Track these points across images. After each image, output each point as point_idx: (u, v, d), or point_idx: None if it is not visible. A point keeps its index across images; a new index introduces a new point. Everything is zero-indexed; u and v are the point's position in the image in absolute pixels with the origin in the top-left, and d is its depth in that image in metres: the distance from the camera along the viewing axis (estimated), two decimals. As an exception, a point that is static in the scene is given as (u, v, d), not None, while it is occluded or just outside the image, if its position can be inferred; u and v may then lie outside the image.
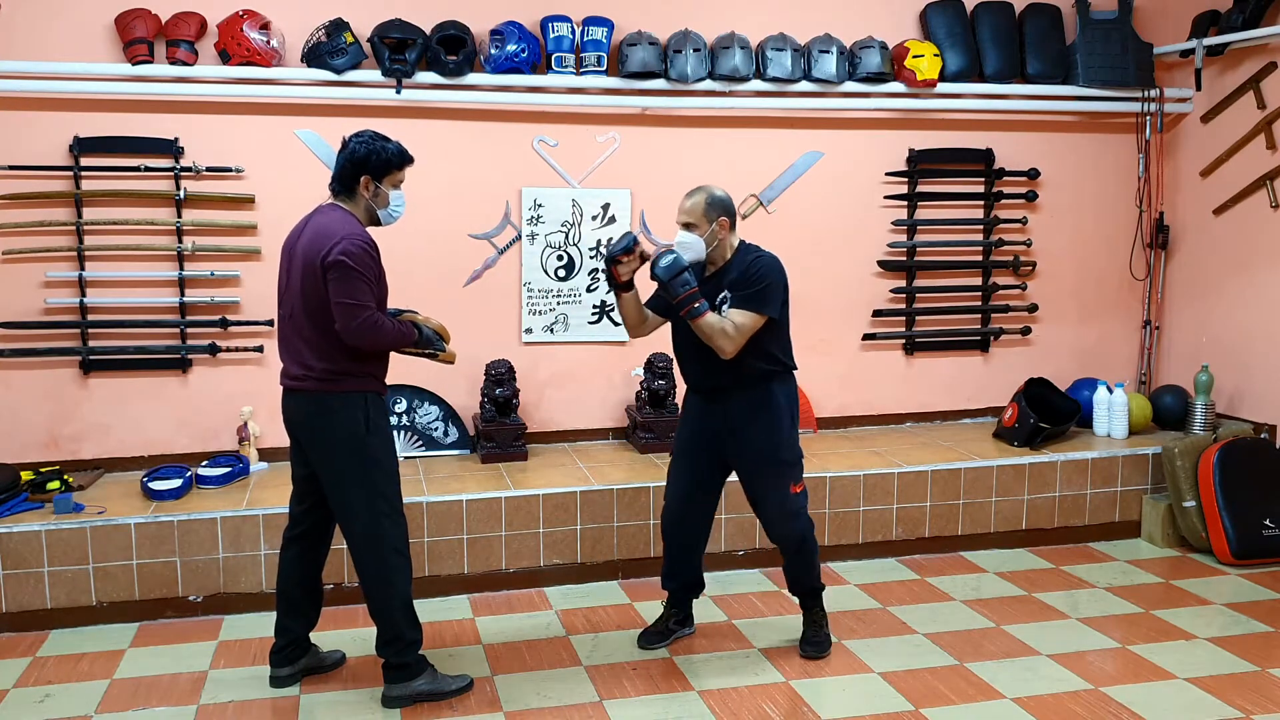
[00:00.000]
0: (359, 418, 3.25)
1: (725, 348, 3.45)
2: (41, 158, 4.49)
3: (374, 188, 3.29)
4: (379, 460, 3.30)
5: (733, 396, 3.59)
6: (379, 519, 3.30)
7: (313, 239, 3.21)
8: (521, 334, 5.08)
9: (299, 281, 3.23)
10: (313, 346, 3.23)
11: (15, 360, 4.55)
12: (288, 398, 3.35)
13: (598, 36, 4.83)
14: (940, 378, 5.60)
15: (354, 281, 3.14)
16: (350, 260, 3.13)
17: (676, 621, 3.90)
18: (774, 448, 3.60)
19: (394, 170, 3.31)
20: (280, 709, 3.40)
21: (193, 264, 4.67)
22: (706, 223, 3.52)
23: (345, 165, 3.27)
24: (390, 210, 3.35)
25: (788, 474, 3.63)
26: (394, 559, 3.33)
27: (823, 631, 3.81)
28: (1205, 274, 5.51)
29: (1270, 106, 5.10)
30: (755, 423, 3.58)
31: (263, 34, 4.49)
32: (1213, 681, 3.55)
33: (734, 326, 3.44)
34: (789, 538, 3.67)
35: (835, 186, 5.32)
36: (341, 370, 3.23)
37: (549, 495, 4.36)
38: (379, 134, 3.33)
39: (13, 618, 3.95)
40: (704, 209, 3.51)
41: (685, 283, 3.41)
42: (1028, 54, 5.34)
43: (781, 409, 3.60)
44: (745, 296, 3.47)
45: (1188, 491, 4.79)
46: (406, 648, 3.37)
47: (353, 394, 3.26)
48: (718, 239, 3.54)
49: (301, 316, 3.24)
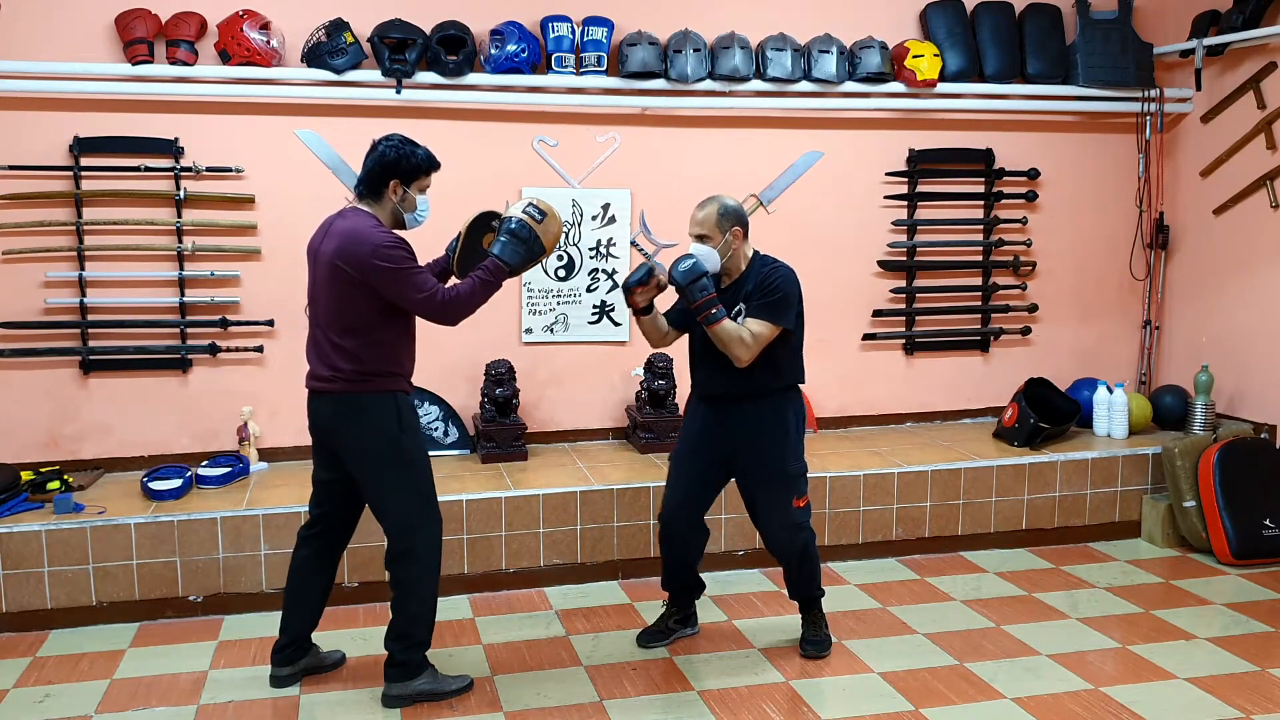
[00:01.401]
0: (392, 417, 3.25)
1: (741, 355, 3.44)
2: (41, 158, 4.49)
3: (402, 192, 3.29)
4: (413, 459, 3.31)
5: (741, 407, 3.58)
6: (415, 516, 3.32)
7: (339, 244, 3.19)
8: (521, 334, 5.08)
9: (324, 285, 3.23)
10: (340, 349, 3.23)
11: (15, 360, 4.55)
12: (314, 400, 3.33)
13: (598, 36, 4.83)
14: (940, 378, 5.60)
15: (407, 278, 3.17)
16: (393, 264, 3.14)
17: (677, 621, 3.90)
18: (779, 461, 3.59)
19: (422, 175, 3.31)
20: (280, 709, 3.40)
21: (193, 264, 4.67)
22: (720, 233, 3.52)
23: (374, 168, 3.26)
24: (416, 214, 3.36)
25: (792, 488, 3.61)
26: (427, 556, 3.35)
27: (822, 631, 3.81)
28: (1205, 274, 5.51)
29: (1270, 106, 5.10)
30: (762, 435, 3.57)
31: (263, 34, 4.49)
32: (1213, 681, 3.55)
33: (751, 335, 3.44)
34: (790, 551, 3.67)
35: (835, 186, 5.32)
36: (371, 371, 3.23)
37: (549, 495, 4.36)
38: (408, 139, 3.32)
39: (13, 618, 3.95)
40: (717, 219, 3.51)
41: (704, 288, 3.42)
42: (1028, 54, 5.35)
43: (789, 423, 3.59)
44: (761, 306, 3.47)
45: (1188, 491, 4.79)
46: (414, 646, 3.38)
47: (383, 394, 3.26)
48: (732, 249, 3.54)
49: (328, 319, 3.24)
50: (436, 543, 3.38)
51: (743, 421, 3.58)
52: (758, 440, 3.57)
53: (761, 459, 3.59)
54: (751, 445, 3.58)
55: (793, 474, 3.61)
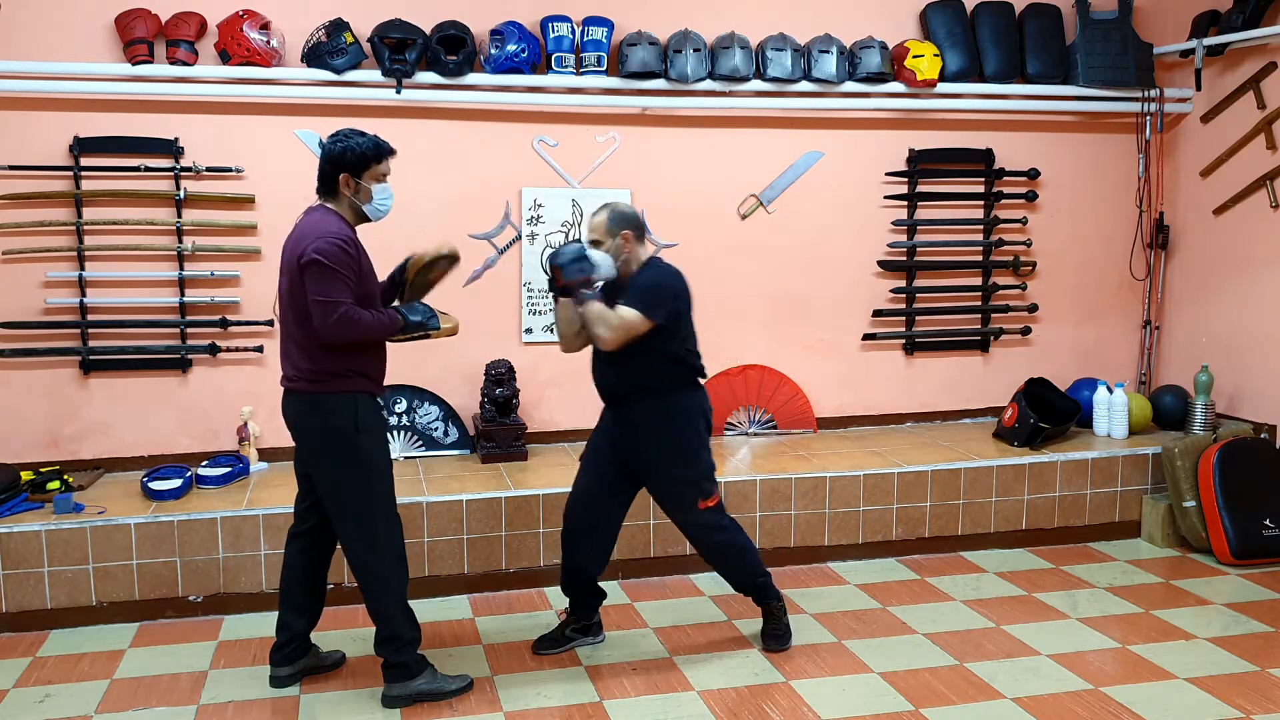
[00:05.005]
0: (348, 418, 3.25)
1: (604, 336, 3.44)
2: (41, 158, 4.49)
3: (355, 184, 3.28)
4: (371, 460, 3.29)
5: (632, 404, 3.59)
6: (373, 519, 3.31)
7: (294, 241, 3.24)
8: (521, 334, 5.08)
9: (286, 284, 3.26)
10: (301, 348, 3.25)
11: (15, 360, 4.55)
12: (284, 398, 3.37)
13: (598, 36, 4.83)
14: (940, 378, 5.60)
15: (329, 279, 3.14)
16: (324, 258, 3.13)
17: (575, 630, 3.83)
18: (672, 462, 3.58)
19: (372, 164, 3.28)
20: (280, 709, 3.40)
21: (193, 264, 4.67)
22: (609, 237, 3.55)
23: (323, 166, 3.28)
24: (376, 205, 3.33)
25: (691, 490, 3.60)
26: (389, 558, 3.34)
27: (782, 623, 3.81)
28: (1205, 274, 5.51)
29: (1270, 106, 5.10)
30: (655, 434, 3.57)
31: (263, 34, 4.49)
32: (1213, 681, 3.55)
33: (617, 318, 3.43)
34: (709, 551, 3.70)
35: (835, 186, 5.32)
36: (329, 371, 3.24)
37: (549, 495, 4.36)
38: (355, 130, 3.32)
39: (13, 618, 3.95)
40: (607, 225, 3.55)
41: (581, 269, 3.43)
42: (1028, 54, 5.35)
43: (683, 422, 3.58)
44: (631, 296, 3.49)
45: (1188, 491, 4.79)
46: (404, 647, 3.37)
47: (342, 395, 3.26)
48: (624, 253, 3.56)
49: (290, 318, 3.27)
50: (398, 545, 3.37)
51: (636, 419, 3.58)
52: (650, 439, 3.57)
53: (655, 457, 3.59)
54: (646, 450, 3.59)
55: (689, 477, 3.59)
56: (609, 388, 3.64)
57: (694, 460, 3.60)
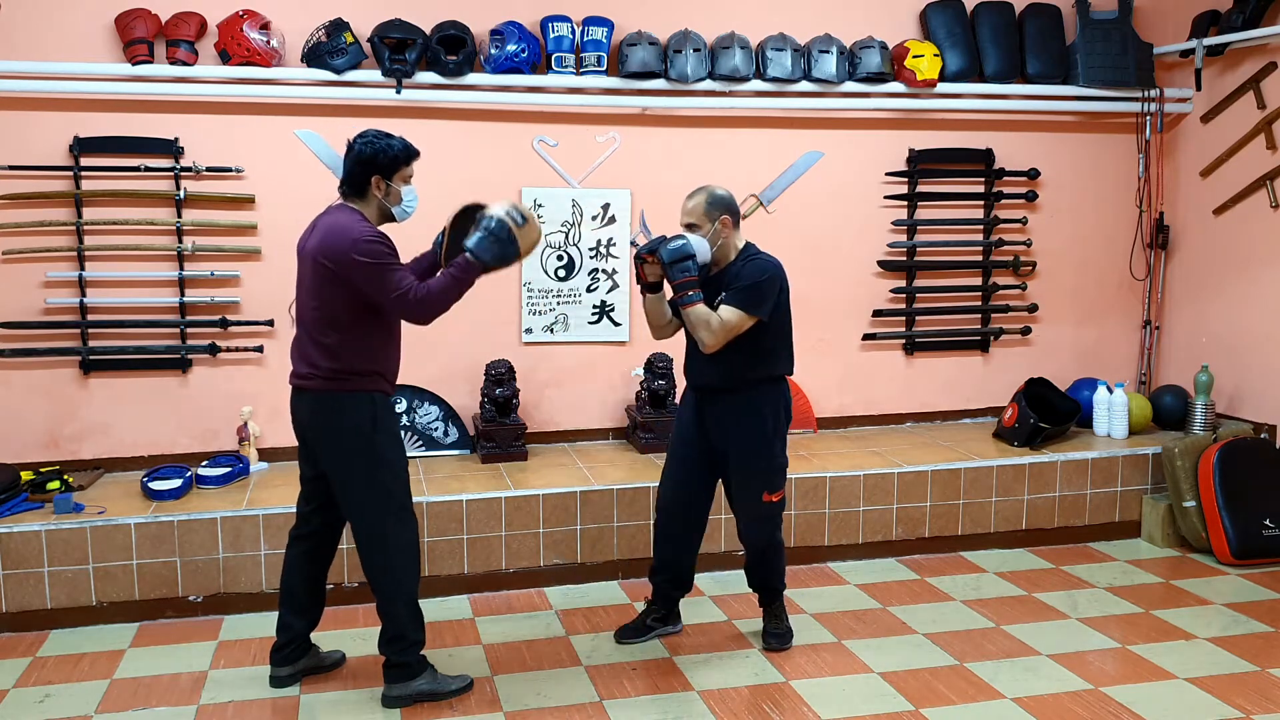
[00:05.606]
0: (365, 417, 3.26)
1: (706, 340, 3.46)
2: (41, 158, 4.49)
3: (385, 186, 3.30)
4: (387, 459, 3.30)
5: (720, 398, 3.61)
6: (387, 518, 3.31)
7: (321, 240, 3.22)
8: (521, 334, 5.08)
9: (309, 282, 3.25)
10: (321, 347, 3.25)
11: (15, 360, 4.55)
12: (295, 397, 3.36)
13: (598, 36, 4.83)
14: (940, 378, 5.60)
15: (383, 275, 3.17)
16: (371, 259, 3.15)
17: (656, 619, 3.89)
18: (752, 453, 3.61)
19: (402, 166, 3.31)
20: (280, 709, 3.40)
21: (193, 264, 4.67)
22: (708, 222, 3.53)
23: (354, 168, 3.27)
24: (404, 206, 3.36)
25: (762, 481, 3.63)
26: (401, 558, 3.34)
27: (784, 624, 3.83)
28: (1205, 274, 5.51)
29: (1270, 106, 5.10)
30: (738, 426, 3.59)
31: (263, 34, 4.49)
32: (1213, 681, 3.55)
33: (719, 321, 3.45)
34: (755, 541, 3.71)
35: (835, 186, 5.32)
36: (349, 370, 3.24)
37: (549, 495, 4.36)
38: (382, 132, 3.33)
39: (13, 618, 3.95)
40: (705, 208, 3.54)
41: (686, 269, 3.43)
42: (1028, 54, 5.35)
43: (765, 416, 3.60)
44: (734, 293, 3.49)
45: (1188, 491, 4.79)
46: (409, 647, 3.38)
47: (360, 394, 3.26)
48: (721, 238, 3.55)
49: (312, 316, 3.26)
50: (411, 544, 3.37)
51: (722, 411, 3.60)
52: (734, 430, 3.60)
53: (736, 447, 3.61)
54: (732, 434, 3.60)
55: (766, 467, 3.63)
56: (702, 379, 3.65)
57: (768, 453, 3.62)
